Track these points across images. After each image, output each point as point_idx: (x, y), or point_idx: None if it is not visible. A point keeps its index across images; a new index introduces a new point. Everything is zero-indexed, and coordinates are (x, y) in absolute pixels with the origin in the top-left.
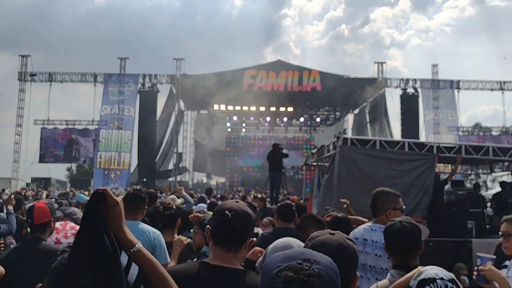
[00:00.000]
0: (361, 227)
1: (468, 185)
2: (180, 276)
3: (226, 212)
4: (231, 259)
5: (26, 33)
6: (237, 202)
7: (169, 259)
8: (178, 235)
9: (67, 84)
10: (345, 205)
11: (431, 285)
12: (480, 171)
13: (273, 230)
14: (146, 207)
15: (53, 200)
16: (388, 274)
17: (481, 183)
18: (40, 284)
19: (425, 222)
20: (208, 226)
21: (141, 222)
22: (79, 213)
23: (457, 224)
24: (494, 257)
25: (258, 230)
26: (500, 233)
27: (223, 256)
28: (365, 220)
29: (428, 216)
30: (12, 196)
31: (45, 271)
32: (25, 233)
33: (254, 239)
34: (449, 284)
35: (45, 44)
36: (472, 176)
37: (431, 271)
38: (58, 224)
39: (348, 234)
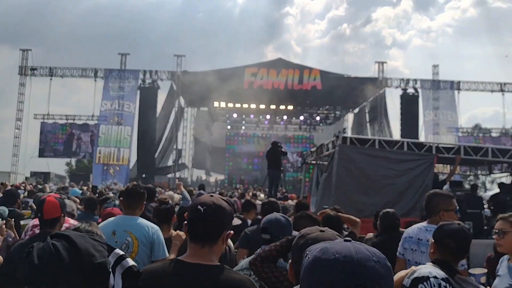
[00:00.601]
0: (415, 226)
1: (467, 186)
2: (154, 275)
3: (199, 207)
4: (207, 255)
5: (27, 27)
6: (211, 196)
7: (167, 254)
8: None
9: (68, 79)
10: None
11: (425, 283)
12: (479, 172)
13: (256, 228)
14: (145, 202)
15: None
16: (423, 266)
17: (479, 184)
18: None
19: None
20: (185, 222)
21: (140, 217)
22: (74, 206)
23: None
24: (486, 270)
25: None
26: (495, 230)
27: (198, 252)
28: (357, 219)
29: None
30: (4, 226)
31: None
32: (22, 226)
33: (231, 231)
34: (442, 283)
35: (46, 38)
36: (471, 177)
37: (425, 269)
38: None
39: (341, 233)
